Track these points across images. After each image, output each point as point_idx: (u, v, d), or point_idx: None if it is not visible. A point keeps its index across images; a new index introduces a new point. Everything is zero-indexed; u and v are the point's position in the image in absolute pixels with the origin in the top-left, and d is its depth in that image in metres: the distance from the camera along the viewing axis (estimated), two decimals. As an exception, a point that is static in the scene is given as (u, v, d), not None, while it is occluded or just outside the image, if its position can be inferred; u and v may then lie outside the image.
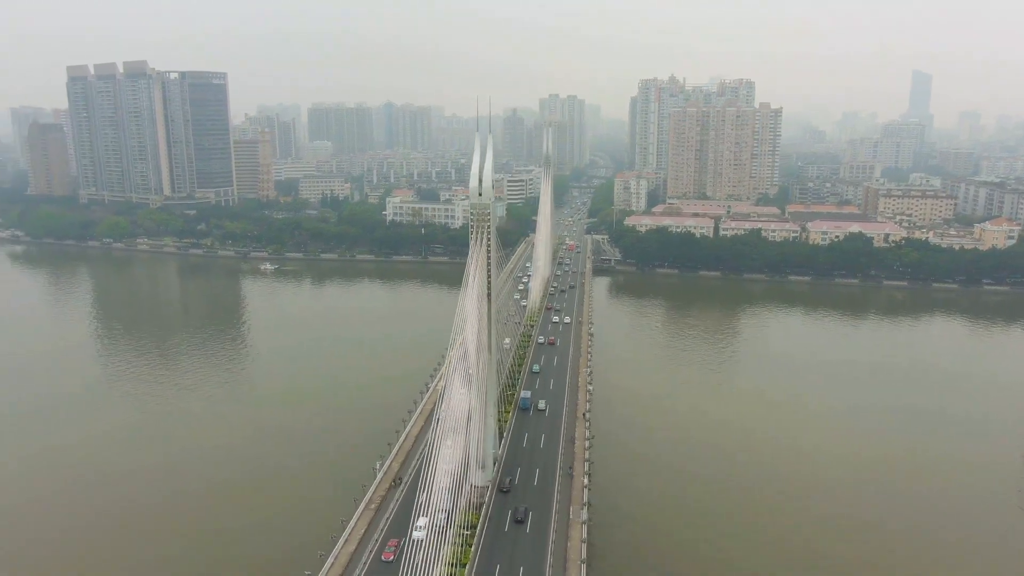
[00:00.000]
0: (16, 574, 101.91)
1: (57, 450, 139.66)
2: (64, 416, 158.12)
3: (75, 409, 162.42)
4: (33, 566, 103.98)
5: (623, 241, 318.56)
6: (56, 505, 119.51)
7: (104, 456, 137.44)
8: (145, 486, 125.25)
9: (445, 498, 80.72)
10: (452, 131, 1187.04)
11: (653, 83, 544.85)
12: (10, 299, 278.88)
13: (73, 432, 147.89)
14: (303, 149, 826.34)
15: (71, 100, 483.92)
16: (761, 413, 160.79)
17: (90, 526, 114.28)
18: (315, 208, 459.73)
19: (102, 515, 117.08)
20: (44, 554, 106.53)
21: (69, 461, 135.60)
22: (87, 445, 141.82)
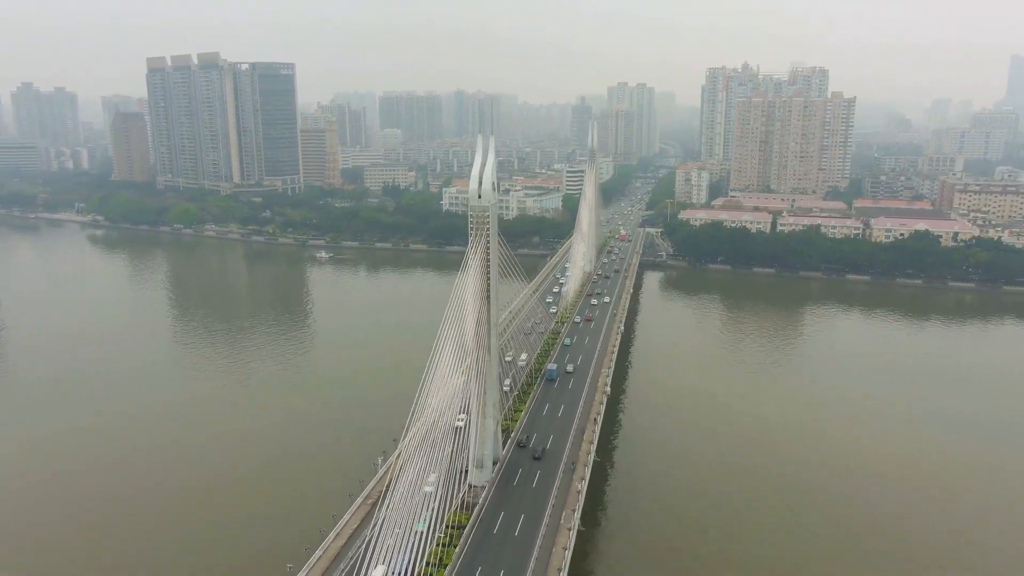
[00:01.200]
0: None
1: (66, 433, 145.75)
2: (107, 392, 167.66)
3: (118, 387, 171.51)
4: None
5: (676, 235, 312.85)
6: (48, 492, 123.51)
7: (123, 436, 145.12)
8: (158, 469, 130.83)
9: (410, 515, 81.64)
10: (523, 119, 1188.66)
11: (721, 72, 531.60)
12: (88, 279, 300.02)
13: (107, 408, 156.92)
14: (373, 137, 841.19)
15: (150, 90, 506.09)
16: (799, 411, 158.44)
17: (83, 511, 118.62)
18: (376, 197, 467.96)
19: (106, 499, 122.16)
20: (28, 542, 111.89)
21: (76, 444, 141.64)
22: (108, 425, 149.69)
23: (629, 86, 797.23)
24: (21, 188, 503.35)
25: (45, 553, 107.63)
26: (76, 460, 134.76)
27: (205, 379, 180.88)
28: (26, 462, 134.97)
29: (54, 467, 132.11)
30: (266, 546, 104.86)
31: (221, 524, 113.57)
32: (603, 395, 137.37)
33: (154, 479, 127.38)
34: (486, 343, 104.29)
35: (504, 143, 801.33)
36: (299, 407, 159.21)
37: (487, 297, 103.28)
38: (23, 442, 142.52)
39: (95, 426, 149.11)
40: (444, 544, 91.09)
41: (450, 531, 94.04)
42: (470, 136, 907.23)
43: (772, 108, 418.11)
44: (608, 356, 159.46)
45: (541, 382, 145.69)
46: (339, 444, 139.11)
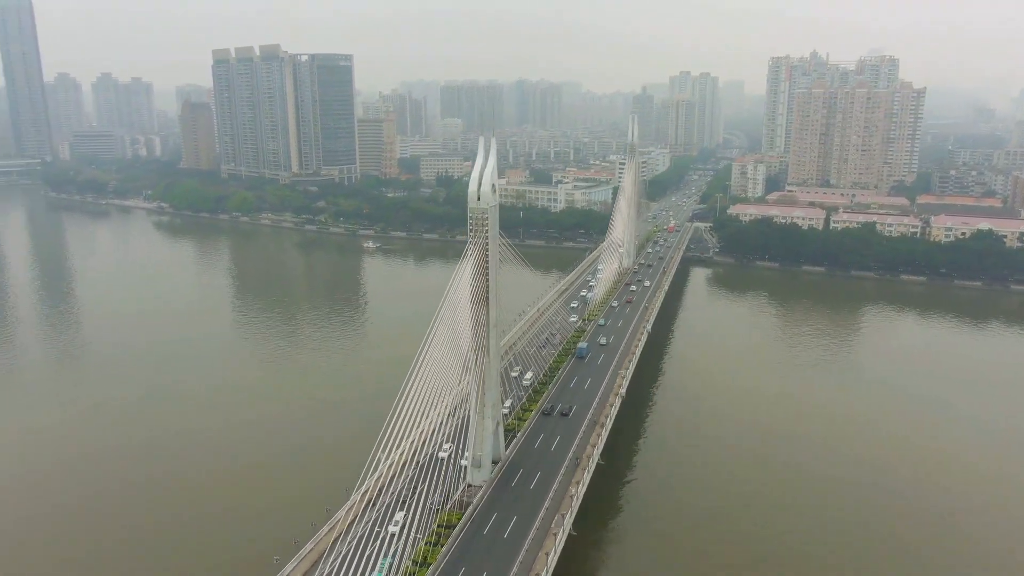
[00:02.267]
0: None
1: (73, 418, 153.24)
2: (146, 370, 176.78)
3: (157, 366, 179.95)
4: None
5: (724, 231, 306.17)
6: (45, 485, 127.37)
7: (141, 419, 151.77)
8: (171, 454, 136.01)
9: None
10: (585, 108, 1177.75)
11: (784, 61, 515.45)
12: (152, 263, 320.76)
13: (131, 390, 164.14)
14: (434, 126, 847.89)
15: (215, 81, 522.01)
16: (839, 412, 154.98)
17: (84, 497, 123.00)
18: (429, 187, 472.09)
19: (111, 482, 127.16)
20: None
21: (86, 427, 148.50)
22: (132, 406, 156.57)
23: (692, 75, 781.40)
24: (95, 175, 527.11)
25: (56, 533, 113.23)
26: (73, 447, 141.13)
27: (241, 364, 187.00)
28: (56, 438, 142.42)
29: (67, 449, 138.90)
30: (258, 536, 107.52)
31: (211, 515, 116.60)
32: (617, 398, 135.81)
33: (169, 464, 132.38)
34: (485, 344, 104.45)
35: (564, 133, 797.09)
36: (329, 397, 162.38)
37: (486, 298, 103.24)
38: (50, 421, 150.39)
39: (112, 407, 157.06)
40: (432, 543, 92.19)
41: (440, 530, 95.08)
42: (531, 126, 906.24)
43: (833, 99, 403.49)
44: (629, 357, 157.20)
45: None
46: (357, 436, 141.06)
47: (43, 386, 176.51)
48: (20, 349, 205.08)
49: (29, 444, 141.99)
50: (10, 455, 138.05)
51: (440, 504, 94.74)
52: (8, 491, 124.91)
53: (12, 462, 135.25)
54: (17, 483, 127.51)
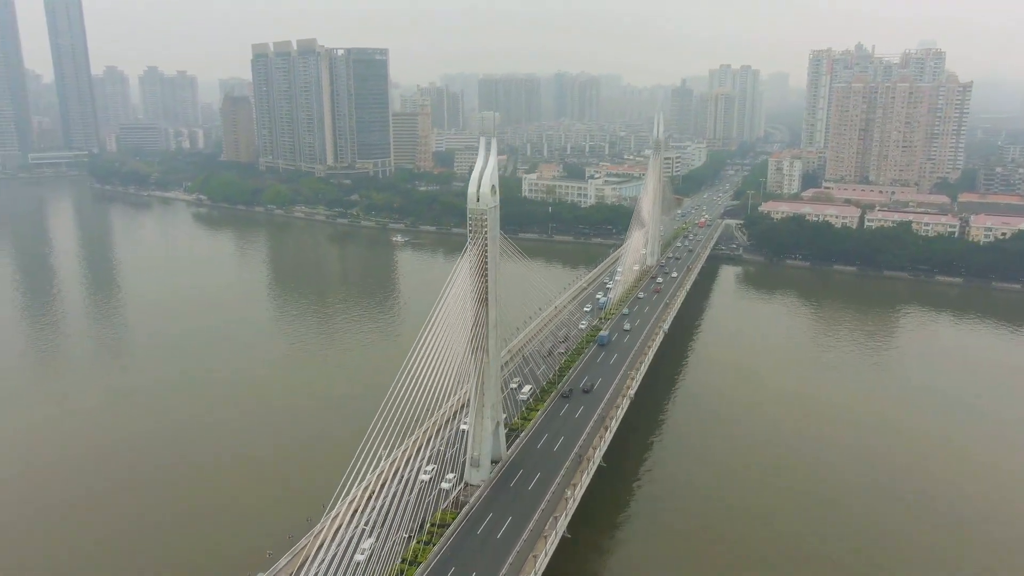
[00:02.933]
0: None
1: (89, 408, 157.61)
2: (167, 357, 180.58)
3: (174, 354, 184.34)
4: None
5: (754, 228, 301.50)
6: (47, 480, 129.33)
7: (159, 407, 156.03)
8: (169, 446, 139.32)
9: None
10: (624, 101, 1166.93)
11: (826, 54, 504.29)
12: (189, 253, 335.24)
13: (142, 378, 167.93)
14: (471, 120, 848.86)
15: (254, 75, 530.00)
16: (863, 426, 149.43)
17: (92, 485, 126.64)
18: (463, 181, 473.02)
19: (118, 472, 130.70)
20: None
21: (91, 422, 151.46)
22: (152, 394, 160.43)
23: (733, 68, 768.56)
24: (138, 167, 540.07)
25: (57, 516, 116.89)
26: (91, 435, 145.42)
27: (264, 355, 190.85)
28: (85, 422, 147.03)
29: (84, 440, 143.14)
30: (255, 529, 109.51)
31: (208, 508, 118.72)
32: (625, 400, 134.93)
33: (178, 453, 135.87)
34: (484, 344, 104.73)
35: (601, 127, 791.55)
36: (347, 391, 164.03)
37: (485, 299, 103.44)
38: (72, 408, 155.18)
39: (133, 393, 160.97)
40: (424, 542, 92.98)
41: (434, 530, 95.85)
42: (568, 119, 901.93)
43: (874, 94, 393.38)
44: (641, 358, 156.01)
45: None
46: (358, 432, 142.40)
47: (74, 374, 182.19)
48: (60, 335, 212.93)
49: (39, 435, 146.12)
50: (27, 444, 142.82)
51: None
52: (14, 484, 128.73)
53: (30, 452, 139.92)
54: (22, 476, 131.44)
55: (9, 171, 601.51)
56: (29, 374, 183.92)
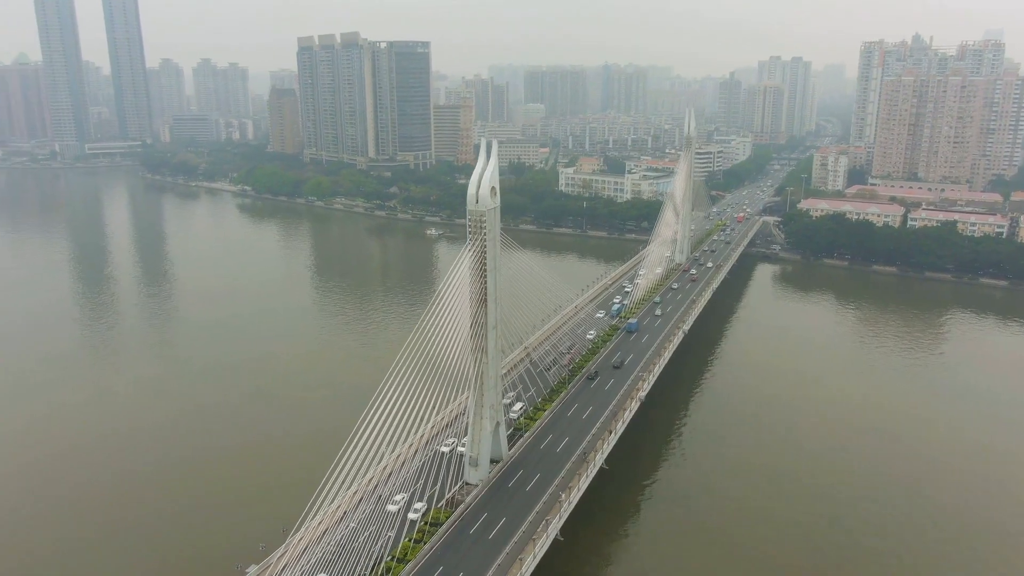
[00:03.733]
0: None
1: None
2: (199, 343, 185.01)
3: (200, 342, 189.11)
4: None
5: (792, 226, 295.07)
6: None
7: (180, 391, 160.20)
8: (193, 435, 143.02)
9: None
10: (673, 93, 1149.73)
11: (878, 45, 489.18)
12: (234, 242, 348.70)
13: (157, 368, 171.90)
14: (516, 112, 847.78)
15: (299, 67, 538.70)
16: (884, 426, 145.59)
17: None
18: (501, 174, 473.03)
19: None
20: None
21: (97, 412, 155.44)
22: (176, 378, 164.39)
23: (783, 60, 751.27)
24: (187, 158, 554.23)
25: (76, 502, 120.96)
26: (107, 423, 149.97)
27: (286, 344, 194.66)
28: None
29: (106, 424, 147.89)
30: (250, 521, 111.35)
31: (199, 501, 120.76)
32: (635, 402, 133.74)
33: (196, 441, 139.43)
34: (484, 344, 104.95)
35: (647, 119, 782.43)
36: (359, 383, 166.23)
37: (484, 300, 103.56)
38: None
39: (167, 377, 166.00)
40: (415, 540, 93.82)
41: (426, 527, 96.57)
42: (614, 111, 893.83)
43: (924, 88, 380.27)
44: (656, 360, 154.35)
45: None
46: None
47: (108, 360, 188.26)
48: (101, 322, 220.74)
49: (58, 421, 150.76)
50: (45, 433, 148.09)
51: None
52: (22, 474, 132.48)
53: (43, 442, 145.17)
54: (39, 462, 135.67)
55: (67, 161, 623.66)
56: (63, 361, 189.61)
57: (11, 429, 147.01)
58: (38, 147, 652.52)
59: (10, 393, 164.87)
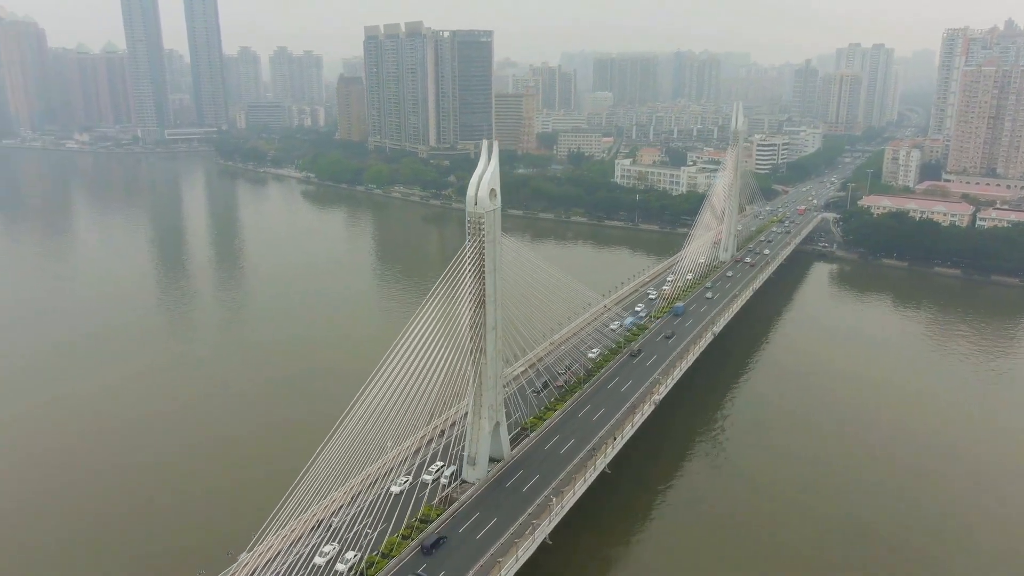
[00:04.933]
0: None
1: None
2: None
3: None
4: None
5: (851, 223, 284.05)
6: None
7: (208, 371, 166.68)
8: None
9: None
10: (749, 81, 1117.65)
11: (961, 33, 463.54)
12: (297, 226, 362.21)
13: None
14: (584, 100, 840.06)
15: (366, 56, 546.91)
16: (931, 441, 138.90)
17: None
18: (561, 163, 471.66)
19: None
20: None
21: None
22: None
23: (863, 47, 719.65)
24: (257, 145, 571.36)
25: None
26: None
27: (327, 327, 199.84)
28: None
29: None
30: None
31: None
32: (649, 406, 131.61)
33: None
34: (482, 345, 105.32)
35: (717, 108, 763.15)
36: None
37: (482, 301, 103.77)
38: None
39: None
40: (404, 536, 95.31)
41: (415, 524, 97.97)
42: (685, 100, 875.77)
43: (1007, 78, 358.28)
44: (679, 364, 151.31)
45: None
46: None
47: (156, 339, 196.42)
48: (154, 302, 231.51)
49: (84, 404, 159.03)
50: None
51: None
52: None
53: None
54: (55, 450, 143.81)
55: (148, 146, 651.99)
56: (137, 334, 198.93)
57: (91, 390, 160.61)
58: (122, 132, 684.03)
59: (85, 362, 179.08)
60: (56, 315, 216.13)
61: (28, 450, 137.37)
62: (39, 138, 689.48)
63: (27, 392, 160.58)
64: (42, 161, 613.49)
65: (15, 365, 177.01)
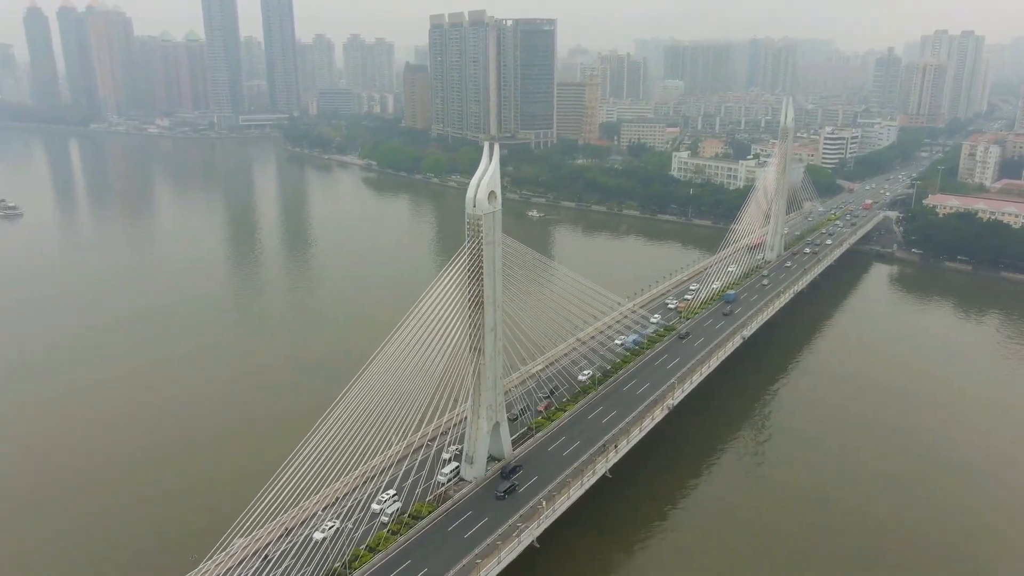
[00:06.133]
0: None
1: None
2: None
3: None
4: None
5: (913, 223, 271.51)
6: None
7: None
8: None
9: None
10: (829, 68, 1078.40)
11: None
12: (356, 212, 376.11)
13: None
14: (653, 89, 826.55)
15: (431, 44, 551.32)
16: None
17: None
18: (621, 154, 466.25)
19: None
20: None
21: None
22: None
23: (949, 34, 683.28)
24: (324, 131, 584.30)
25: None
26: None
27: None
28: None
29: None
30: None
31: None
32: (661, 411, 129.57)
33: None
34: (480, 346, 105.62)
35: (794, 98, 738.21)
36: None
37: (480, 302, 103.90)
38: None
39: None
40: (393, 531, 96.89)
41: (406, 519, 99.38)
42: (758, 89, 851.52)
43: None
44: (700, 368, 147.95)
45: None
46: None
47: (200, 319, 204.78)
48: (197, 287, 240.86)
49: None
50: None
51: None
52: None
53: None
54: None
55: (223, 131, 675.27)
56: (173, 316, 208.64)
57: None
58: (199, 118, 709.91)
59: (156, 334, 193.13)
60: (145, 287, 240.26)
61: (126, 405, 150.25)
62: (123, 123, 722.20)
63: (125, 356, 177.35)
64: (126, 145, 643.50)
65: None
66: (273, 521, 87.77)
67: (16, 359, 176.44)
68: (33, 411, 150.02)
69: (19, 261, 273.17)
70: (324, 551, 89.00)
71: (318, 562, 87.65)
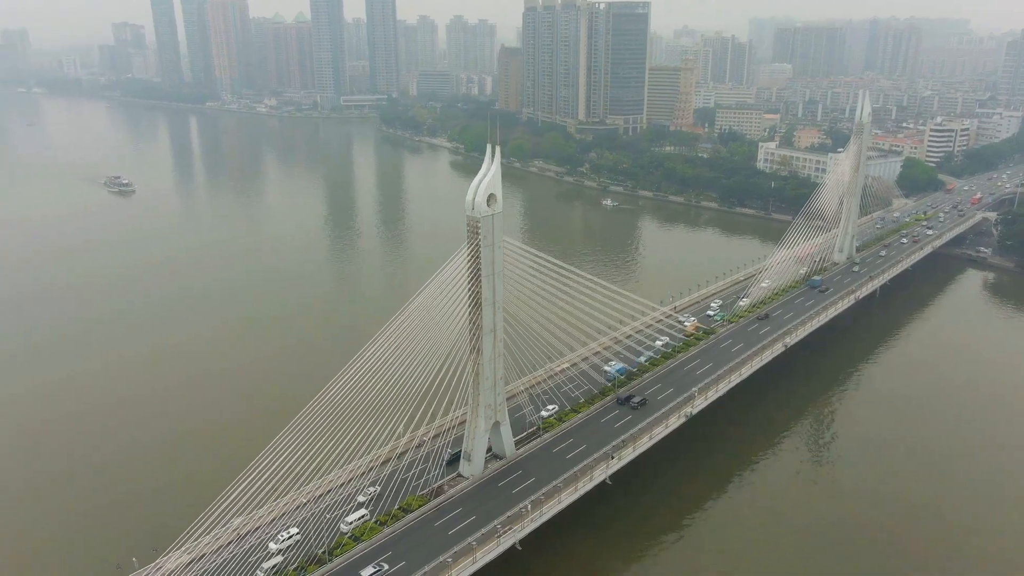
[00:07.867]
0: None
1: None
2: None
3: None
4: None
5: (1012, 227, 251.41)
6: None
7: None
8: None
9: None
10: (958, 52, 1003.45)
11: None
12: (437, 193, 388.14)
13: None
14: (759, 73, 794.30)
15: (524, 27, 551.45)
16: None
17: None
18: (710, 142, 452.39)
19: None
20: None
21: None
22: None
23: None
24: (417, 113, 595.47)
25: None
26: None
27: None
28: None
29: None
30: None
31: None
32: (679, 419, 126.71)
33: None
34: (479, 346, 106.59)
35: (909, 84, 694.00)
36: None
37: (479, 303, 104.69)
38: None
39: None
40: (380, 523, 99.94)
41: (395, 511, 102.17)
42: (874, 73, 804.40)
43: None
44: (733, 375, 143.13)
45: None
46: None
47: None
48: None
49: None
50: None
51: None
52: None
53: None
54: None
55: (325, 111, 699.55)
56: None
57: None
58: (304, 98, 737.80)
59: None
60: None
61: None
62: (235, 101, 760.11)
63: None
64: (237, 123, 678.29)
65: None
66: (249, 514, 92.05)
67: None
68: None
69: (123, 236, 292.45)
70: (306, 540, 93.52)
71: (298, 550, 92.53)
